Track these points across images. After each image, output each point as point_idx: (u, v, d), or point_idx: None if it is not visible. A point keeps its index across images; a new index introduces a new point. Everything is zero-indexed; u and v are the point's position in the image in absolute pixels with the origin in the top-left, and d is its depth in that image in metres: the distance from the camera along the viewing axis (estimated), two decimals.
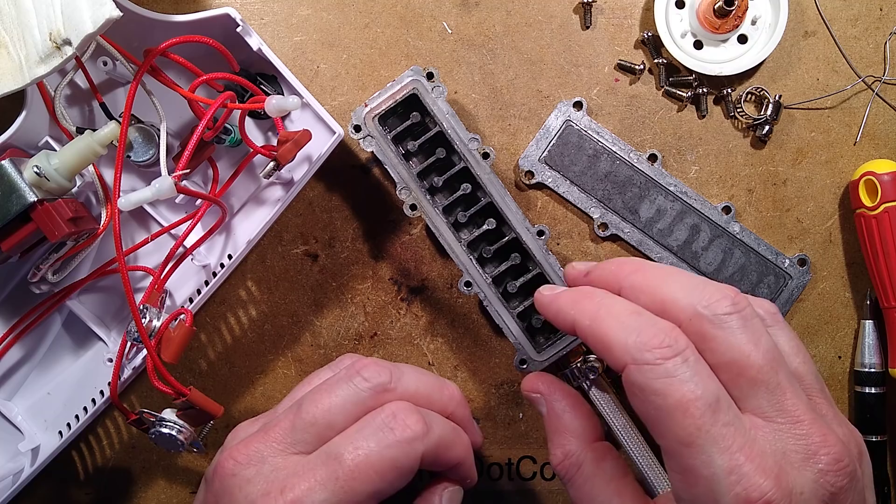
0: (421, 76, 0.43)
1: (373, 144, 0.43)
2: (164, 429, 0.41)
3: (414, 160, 0.45)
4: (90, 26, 0.34)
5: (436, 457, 0.35)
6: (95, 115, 0.47)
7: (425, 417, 0.35)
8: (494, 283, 0.44)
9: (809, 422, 0.28)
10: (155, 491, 0.51)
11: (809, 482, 0.27)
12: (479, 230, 0.44)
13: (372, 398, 0.35)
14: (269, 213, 0.47)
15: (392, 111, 0.44)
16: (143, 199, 0.37)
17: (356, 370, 0.36)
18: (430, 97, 0.43)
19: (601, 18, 0.50)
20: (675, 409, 0.27)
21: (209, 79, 0.41)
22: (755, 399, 0.28)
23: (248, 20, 0.49)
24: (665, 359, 0.28)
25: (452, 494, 0.39)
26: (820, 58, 0.50)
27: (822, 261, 0.50)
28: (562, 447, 0.35)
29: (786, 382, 0.29)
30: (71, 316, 0.49)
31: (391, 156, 0.43)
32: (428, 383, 0.37)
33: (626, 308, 0.31)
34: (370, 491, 0.32)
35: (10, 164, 0.38)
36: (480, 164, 0.43)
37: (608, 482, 0.33)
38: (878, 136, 0.50)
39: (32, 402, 0.50)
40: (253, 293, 0.50)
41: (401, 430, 0.33)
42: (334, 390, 0.35)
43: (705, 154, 0.50)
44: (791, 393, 0.28)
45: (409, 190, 0.43)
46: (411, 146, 0.44)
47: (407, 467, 0.33)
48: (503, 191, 0.44)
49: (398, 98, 0.43)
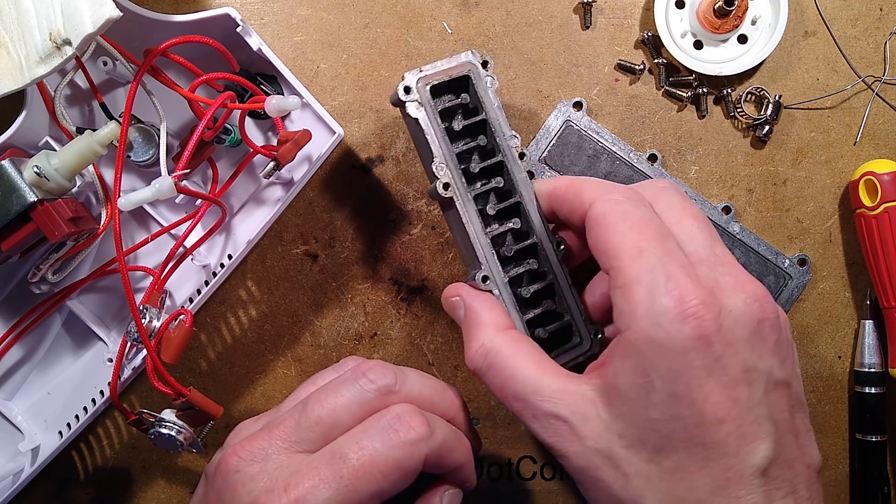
0: (477, 61, 0.42)
1: (420, 111, 0.41)
2: (163, 429, 0.41)
3: (456, 143, 0.43)
4: (90, 26, 0.34)
5: (438, 459, 0.35)
6: (95, 115, 0.47)
7: (429, 420, 0.35)
8: (510, 285, 0.42)
9: (737, 265, 0.32)
10: (155, 491, 0.51)
11: (739, 303, 0.30)
12: (501, 227, 0.43)
13: (377, 399, 0.35)
14: (269, 213, 0.47)
15: (439, 87, 0.42)
16: (143, 199, 0.37)
17: (362, 371, 0.36)
18: (482, 84, 0.42)
19: (601, 18, 0.50)
20: (631, 229, 0.32)
21: (209, 79, 0.41)
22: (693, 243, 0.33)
23: (248, 20, 0.49)
24: (626, 200, 0.33)
25: (452, 497, 0.39)
26: (820, 58, 0.50)
27: (822, 261, 0.50)
28: (477, 339, 0.35)
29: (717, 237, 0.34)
30: (71, 316, 0.49)
31: (436, 128, 0.41)
32: (431, 387, 0.37)
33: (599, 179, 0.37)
34: (374, 491, 0.33)
35: (10, 164, 0.38)
36: (517, 163, 0.42)
37: (527, 357, 0.34)
38: (878, 136, 0.50)
39: (32, 402, 0.50)
40: (253, 293, 0.50)
41: (405, 432, 0.34)
42: (340, 390, 0.35)
43: (705, 154, 0.50)
44: (720, 246, 0.33)
45: (445, 166, 0.41)
46: (457, 125, 0.42)
47: (410, 468, 0.34)
48: (532, 195, 0.42)
49: (453, 74, 0.42)
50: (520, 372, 0.33)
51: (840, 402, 0.51)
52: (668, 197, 0.35)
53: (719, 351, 0.28)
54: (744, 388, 0.29)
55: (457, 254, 0.50)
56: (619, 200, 0.33)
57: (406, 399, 0.36)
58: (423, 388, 0.37)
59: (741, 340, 0.29)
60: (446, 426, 0.36)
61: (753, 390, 0.29)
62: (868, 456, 0.49)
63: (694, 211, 0.35)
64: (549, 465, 0.51)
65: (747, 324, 0.29)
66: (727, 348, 0.29)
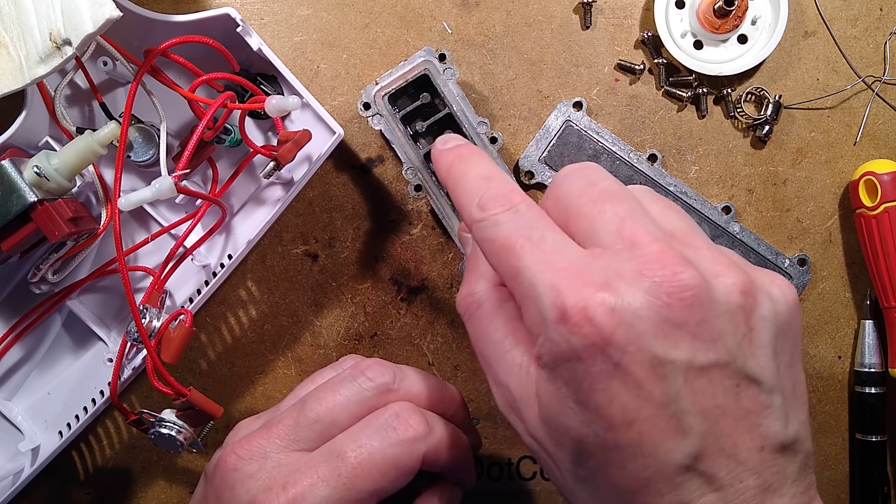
0: (433, 57, 0.43)
1: (381, 123, 0.43)
2: (163, 429, 0.41)
3: (422, 141, 0.45)
4: (90, 26, 0.34)
5: (437, 457, 0.35)
6: (95, 115, 0.47)
7: (427, 419, 0.35)
8: None
9: (649, 242, 0.27)
10: (155, 491, 0.51)
11: (640, 293, 0.26)
12: None
13: (375, 398, 0.35)
14: (269, 213, 0.47)
15: (402, 91, 0.44)
16: (143, 199, 0.37)
17: (360, 370, 0.36)
18: (441, 78, 0.43)
19: (601, 18, 0.50)
20: (502, 249, 0.29)
21: (209, 79, 0.41)
22: (594, 234, 0.28)
23: (248, 20, 0.49)
24: (497, 213, 0.30)
25: (452, 497, 0.39)
26: (820, 58, 0.50)
27: (822, 261, 0.50)
28: (469, 285, 0.34)
29: (626, 212, 0.28)
30: (71, 316, 0.49)
31: (399, 135, 0.43)
32: (430, 386, 0.37)
33: (480, 172, 0.32)
34: (372, 489, 0.33)
35: (10, 164, 0.38)
36: (488, 147, 0.43)
37: (504, 322, 0.32)
38: (878, 136, 0.50)
39: (32, 402, 0.50)
40: (253, 293, 0.50)
41: (403, 430, 0.34)
42: (338, 389, 0.35)
43: (705, 154, 0.50)
44: (632, 222, 0.28)
45: (415, 170, 0.43)
46: (420, 127, 0.44)
47: (408, 466, 0.34)
48: (511, 177, 0.44)
49: (409, 78, 0.43)
50: (492, 333, 0.31)
51: (840, 402, 0.51)
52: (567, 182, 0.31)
53: (617, 354, 0.26)
54: (654, 383, 0.26)
55: (457, 252, 0.50)
56: (489, 222, 0.30)
57: (405, 397, 0.36)
58: (422, 386, 0.37)
59: (646, 334, 0.26)
60: (445, 424, 0.36)
61: (668, 384, 0.26)
62: (868, 456, 0.49)
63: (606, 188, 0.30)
64: None
65: (652, 315, 0.26)
66: (628, 347, 0.26)
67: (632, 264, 0.27)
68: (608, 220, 0.28)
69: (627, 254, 0.27)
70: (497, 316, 0.32)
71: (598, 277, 0.26)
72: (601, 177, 0.30)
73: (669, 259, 0.26)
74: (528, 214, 0.30)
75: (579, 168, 0.31)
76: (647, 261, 0.27)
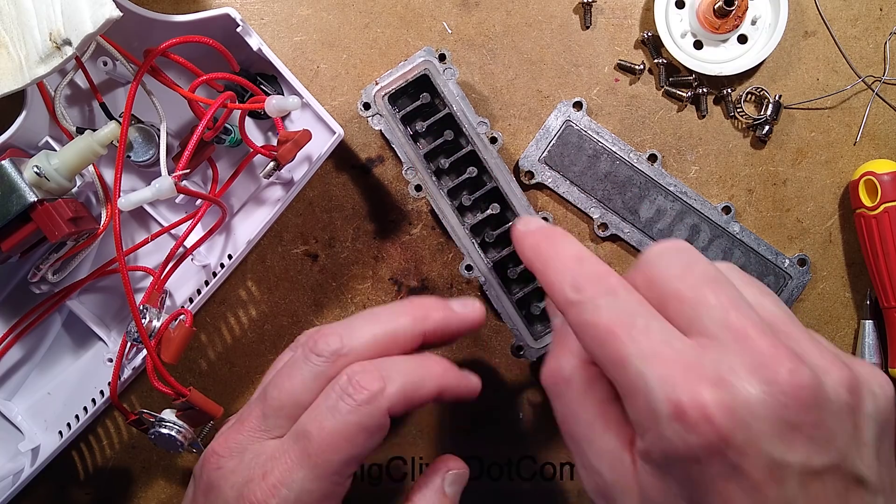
0: (433, 57, 0.43)
1: (381, 123, 0.43)
2: (163, 429, 0.41)
3: (422, 141, 0.45)
4: (90, 26, 0.34)
5: (408, 402, 0.34)
6: (95, 115, 0.47)
7: (381, 370, 0.34)
8: (495, 269, 0.44)
9: (758, 335, 0.27)
10: (155, 491, 0.51)
11: (757, 392, 0.25)
12: (483, 214, 0.44)
13: (330, 368, 0.35)
14: (269, 213, 0.47)
15: (402, 91, 0.44)
16: (143, 199, 0.37)
17: (310, 347, 0.36)
18: (441, 78, 0.43)
19: (601, 18, 0.50)
20: (604, 335, 0.28)
21: (209, 79, 0.41)
22: (698, 321, 0.28)
23: (248, 20, 0.49)
24: (594, 296, 0.29)
25: (455, 477, 0.39)
26: (820, 58, 0.50)
27: (822, 261, 0.50)
28: (557, 359, 0.33)
29: (729, 301, 0.28)
30: (71, 316, 0.49)
31: (399, 135, 0.43)
32: (381, 328, 0.36)
33: (571, 252, 0.32)
34: (345, 458, 0.33)
35: (10, 164, 0.38)
36: (488, 148, 0.43)
37: (595, 403, 0.31)
38: (878, 136, 0.50)
39: (32, 402, 0.50)
40: (253, 293, 0.50)
41: (358, 393, 0.33)
42: (293, 371, 0.35)
43: (705, 154, 0.50)
44: (737, 311, 0.27)
45: (415, 170, 0.43)
46: (420, 127, 0.44)
47: (375, 426, 0.33)
48: (509, 176, 0.44)
49: (409, 78, 0.43)
50: (582, 414, 0.31)
51: None
52: (663, 264, 0.30)
53: (736, 457, 0.25)
54: (772, 487, 0.25)
55: (457, 252, 0.50)
56: (586, 307, 0.29)
57: (358, 355, 0.35)
58: (373, 332, 0.36)
59: (763, 435, 0.25)
60: (404, 365, 0.35)
61: (785, 488, 0.25)
62: None
63: (705, 272, 0.29)
64: (548, 465, 0.51)
65: (769, 415, 0.25)
66: (747, 448, 0.25)
67: (744, 359, 0.26)
68: (713, 309, 0.28)
69: (737, 346, 0.26)
70: (587, 396, 0.31)
71: (710, 372, 0.26)
72: (696, 258, 0.30)
73: (783, 355, 0.26)
74: (628, 299, 0.29)
75: (673, 249, 0.31)
76: (760, 356, 0.26)
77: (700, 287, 0.28)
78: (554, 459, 0.50)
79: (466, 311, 0.39)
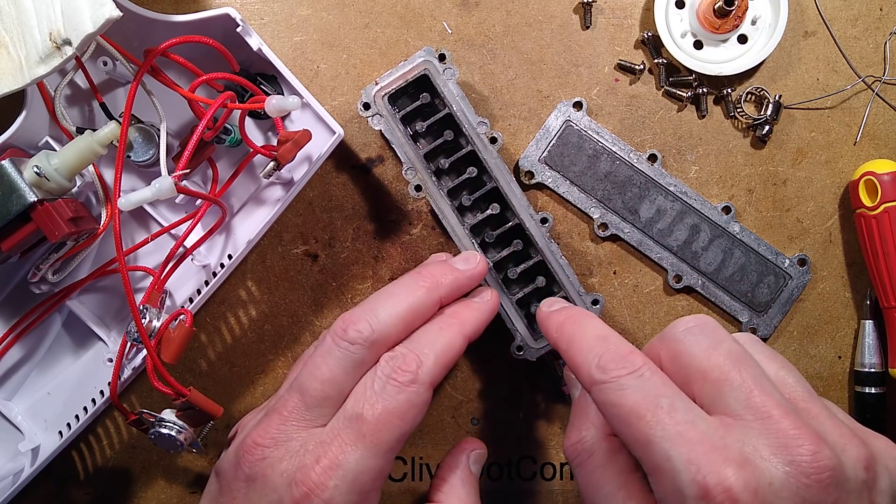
0: (433, 57, 0.43)
1: (381, 123, 0.43)
2: (163, 429, 0.41)
3: (422, 141, 0.45)
4: (90, 26, 0.34)
5: (445, 368, 0.37)
6: (95, 115, 0.47)
7: (415, 349, 0.36)
8: (495, 269, 0.44)
9: (781, 416, 0.28)
10: (155, 491, 0.51)
11: (780, 473, 0.26)
12: (482, 214, 0.44)
13: (367, 354, 0.36)
14: (269, 213, 0.47)
15: (402, 91, 0.44)
16: (143, 199, 0.37)
17: (339, 335, 0.37)
18: (441, 79, 0.43)
19: (601, 18, 0.50)
20: (630, 415, 0.29)
21: (209, 79, 0.41)
22: (722, 400, 0.29)
23: (248, 20, 0.49)
24: (619, 377, 0.30)
25: (478, 457, 0.43)
26: (820, 58, 0.50)
27: (822, 261, 0.50)
28: (578, 431, 0.35)
29: (752, 381, 0.29)
30: (71, 316, 0.49)
31: (399, 135, 0.43)
32: (403, 305, 0.38)
33: (595, 332, 0.34)
34: (398, 435, 0.35)
35: (10, 164, 0.38)
36: (488, 148, 0.43)
37: (617, 474, 0.33)
38: (878, 136, 0.50)
39: (32, 402, 0.50)
40: (253, 293, 0.50)
41: (402, 375, 0.35)
42: (329, 360, 0.36)
43: (705, 154, 0.50)
44: (760, 391, 0.29)
45: (415, 170, 0.43)
46: (420, 127, 0.44)
47: (421, 402, 0.36)
48: (509, 176, 0.44)
49: (409, 78, 0.43)
50: (604, 485, 0.33)
51: (840, 402, 0.51)
52: (689, 341, 0.31)
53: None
54: None
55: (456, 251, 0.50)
56: (612, 387, 0.30)
57: (388, 337, 0.37)
58: (396, 311, 0.38)
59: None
60: (431, 336, 0.38)
61: None
62: None
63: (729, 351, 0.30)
64: (548, 465, 0.51)
65: (792, 496, 0.26)
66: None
67: (768, 440, 0.27)
68: (737, 389, 0.29)
69: (760, 426, 0.28)
70: (609, 468, 0.33)
71: (735, 453, 0.27)
72: (722, 337, 0.31)
73: (805, 436, 0.27)
74: (653, 380, 0.30)
75: (698, 326, 0.32)
76: (783, 437, 0.27)
77: (725, 366, 0.30)
78: (554, 459, 0.51)
79: (470, 266, 0.41)
